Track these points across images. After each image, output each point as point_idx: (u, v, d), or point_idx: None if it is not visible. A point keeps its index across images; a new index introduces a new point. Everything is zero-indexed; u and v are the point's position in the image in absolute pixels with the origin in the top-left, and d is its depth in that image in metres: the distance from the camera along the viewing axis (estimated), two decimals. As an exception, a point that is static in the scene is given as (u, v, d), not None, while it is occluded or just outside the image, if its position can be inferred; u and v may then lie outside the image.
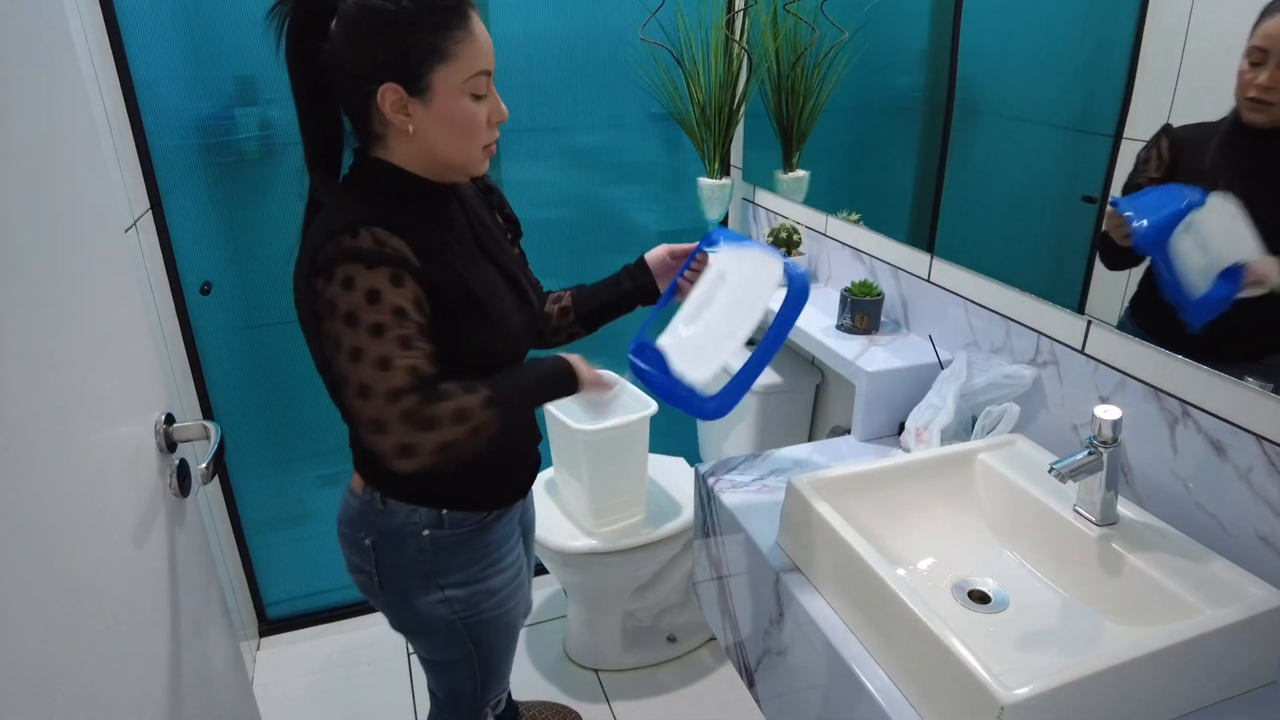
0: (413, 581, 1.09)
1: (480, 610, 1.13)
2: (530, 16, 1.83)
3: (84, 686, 0.66)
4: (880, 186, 1.63)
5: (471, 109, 0.93)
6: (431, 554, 1.07)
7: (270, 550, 2.07)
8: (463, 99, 0.92)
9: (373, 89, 0.89)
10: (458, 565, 1.09)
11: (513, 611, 1.18)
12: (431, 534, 1.06)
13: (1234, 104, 0.90)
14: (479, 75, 0.92)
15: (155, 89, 1.58)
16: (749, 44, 1.84)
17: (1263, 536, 0.88)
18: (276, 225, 1.81)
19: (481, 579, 1.11)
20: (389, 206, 0.92)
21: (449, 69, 0.89)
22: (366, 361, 0.85)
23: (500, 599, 1.14)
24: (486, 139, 0.96)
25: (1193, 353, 0.95)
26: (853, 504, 1.01)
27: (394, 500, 1.06)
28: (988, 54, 1.28)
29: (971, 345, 1.30)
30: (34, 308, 0.66)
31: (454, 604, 1.10)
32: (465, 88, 0.91)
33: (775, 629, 1.05)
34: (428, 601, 1.09)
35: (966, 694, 0.73)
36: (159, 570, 0.87)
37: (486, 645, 1.18)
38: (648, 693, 1.92)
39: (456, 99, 0.91)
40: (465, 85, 0.91)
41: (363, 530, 1.09)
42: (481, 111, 0.94)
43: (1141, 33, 0.99)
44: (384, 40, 0.87)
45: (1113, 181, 1.04)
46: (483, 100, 0.94)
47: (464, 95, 0.92)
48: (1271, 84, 0.86)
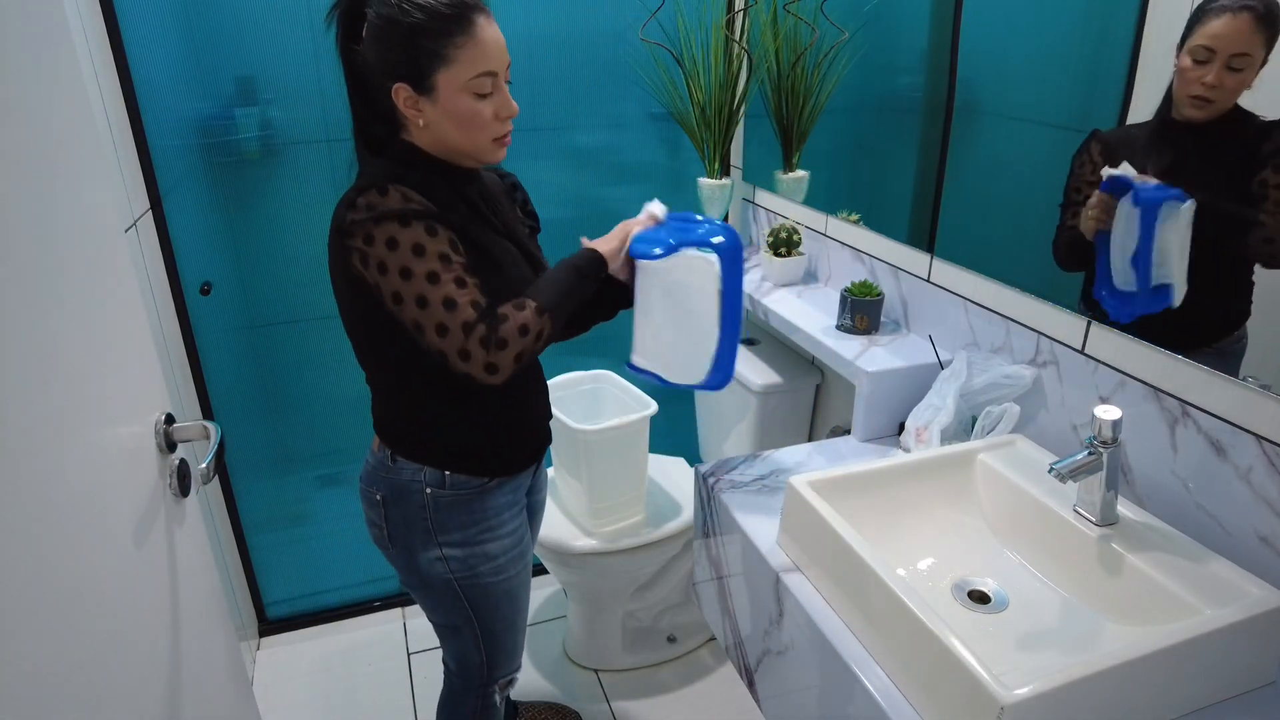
0: (416, 536, 1.16)
1: (477, 574, 1.18)
2: (530, 16, 1.83)
3: (84, 687, 0.66)
4: (880, 186, 1.63)
5: (475, 106, 1.02)
6: (434, 510, 1.14)
7: (270, 550, 2.07)
8: (466, 97, 1.01)
9: (389, 86, 1.01)
10: (456, 525, 1.15)
11: (511, 581, 1.23)
12: (434, 493, 1.14)
13: (1161, 102, 0.94)
14: (481, 76, 1.00)
15: (155, 89, 1.58)
16: (749, 44, 1.84)
17: (1263, 536, 0.88)
18: (276, 225, 1.81)
19: (479, 542, 1.17)
20: (412, 177, 1.03)
21: (451, 71, 0.99)
22: (434, 305, 0.97)
23: (498, 565, 1.20)
24: (495, 132, 1.05)
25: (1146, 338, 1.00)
26: (853, 504, 1.01)
27: (403, 459, 1.14)
28: (988, 54, 1.28)
29: (971, 345, 1.30)
30: (34, 307, 0.66)
31: (451, 563, 1.17)
32: (468, 87, 1.00)
33: (775, 629, 1.05)
34: (428, 558, 1.17)
35: (966, 694, 0.73)
36: (159, 570, 0.87)
37: (487, 612, 1.23)
38: (648, 693, 1.92)
39: (460, 97, 1.01)
40: (468, 85, 1.00)
41: (375, 485, 1.17)
42: (486, 108, 1.02)
43: (1141, 33, 0.99)
44: (395, 45, 0.99)
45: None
46: (488, 98, 1.02)
47: (467, 94, 1.01)
48: (1217, 83, 0.89)
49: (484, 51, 0.99)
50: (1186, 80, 0.91)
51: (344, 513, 2.12)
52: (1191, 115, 0.92)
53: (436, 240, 0.99)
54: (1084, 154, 1.07)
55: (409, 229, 0.97)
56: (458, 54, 0.98)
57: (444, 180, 1.06)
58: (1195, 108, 0.92)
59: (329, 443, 2.01)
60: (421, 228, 0.98)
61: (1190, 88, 0.91)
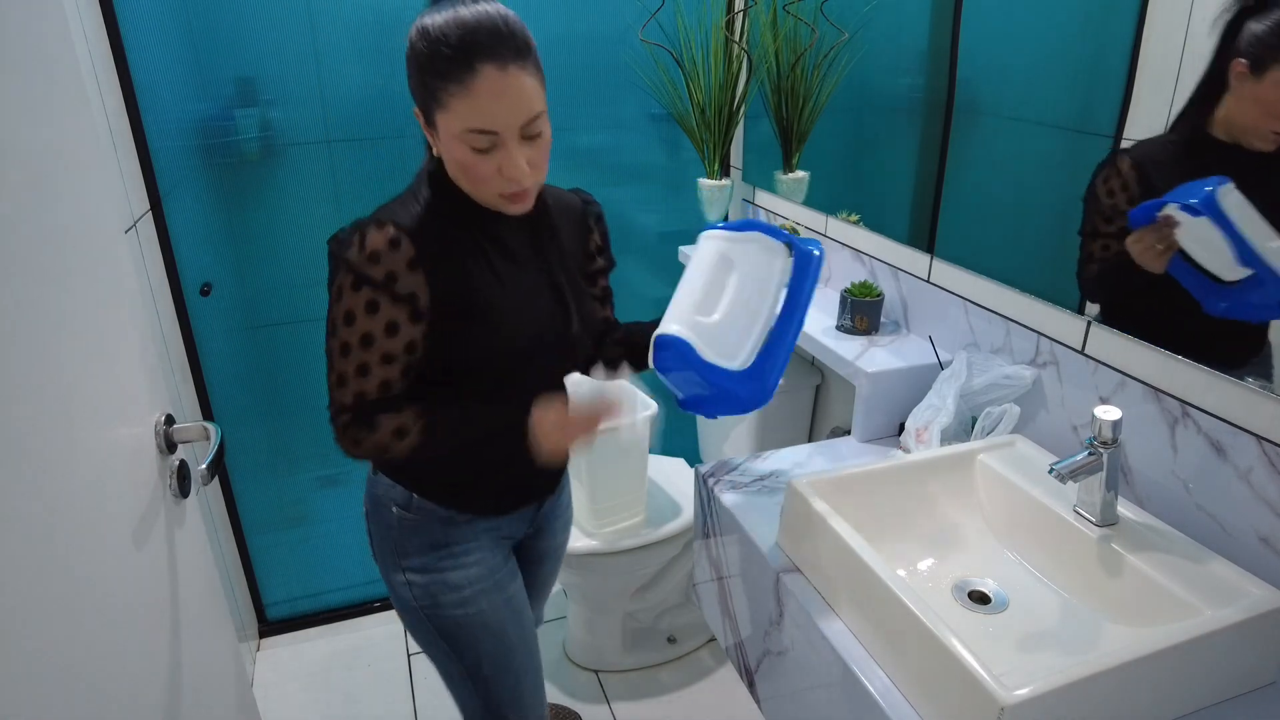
0: (387, 554, 1.14)
1: (439, 603, 1.12)
2: (530, 17, 1.81)
3: (83, 687, 0.66)
4: (880, 187, 1.63)
5: (469, 158, 0.92)
6: (399, 530, 1.12)
7: (270, 551, 2.07)
8: (462, 146, 0.91)
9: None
10: (416, 548, 1.12)
11: (485, 616, 1.14)
12: (399, 513, 1.11)
13: (1188, 112, 0.85)
14: (473, 132, 0.90)
15: (155, 90, 1.58)
16: (749, 45, 1.84)
17: (1263, 537, 0.88)
18: (276, 226, 1.81)
19: (439, 569, 1.12)
20: (431, 203, 0.98)
21: (445, 116, 0.91)
22: (336, 362, 0.97)
23: (463, 597, 1.12)
24: (499, 188, 0.95)
25: (1191, 352, 0.94)
26: (853, 504, 1.01)
27: (380, 473, 1.13)
28: (988, 54, 1.28)
29: (971, 346, 1.30)
30: (34, 308, 0.66)
31: (414, 588, 1.13)
32: (463, 139, 0.91)
33: (775, 630, 1.05)
34: (397, 580, 1.14)
35: (967, 695, 0.73)
36: (158, 571, 0.87)
37: (468, 649, 1.15)
38: (648, 693, 1.92)
39: (456, 145, 0.92)
40: (461, 136, 0.91)
41: (365, 495, 1.17)
42: (484, 163, 0.92)
43: (1141, 33, 0.99)
44: (410, 69, 0.93)
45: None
46: (487, 153, 0.92)
47: (462, 144, 0.91)
48: None
49: (477, 107, 0.88)
50: (1272, 112, 0.81)
51: (344, 513, 2.12)
52: (1260, 147, 0.83)
53: (372, 318, 0.93)
54: (1111, 176, 0.96)
55: (356, 293, 0.93)
56: (450, 101, 0.89)
57: (465, 210, 0.99)
58: (1266, 141, 0.82)
59: (329, 443, 1.98)
60: (363, 300, 0.93)
61: (1274, 123, 0.81)
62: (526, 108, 0.90)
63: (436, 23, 0.88)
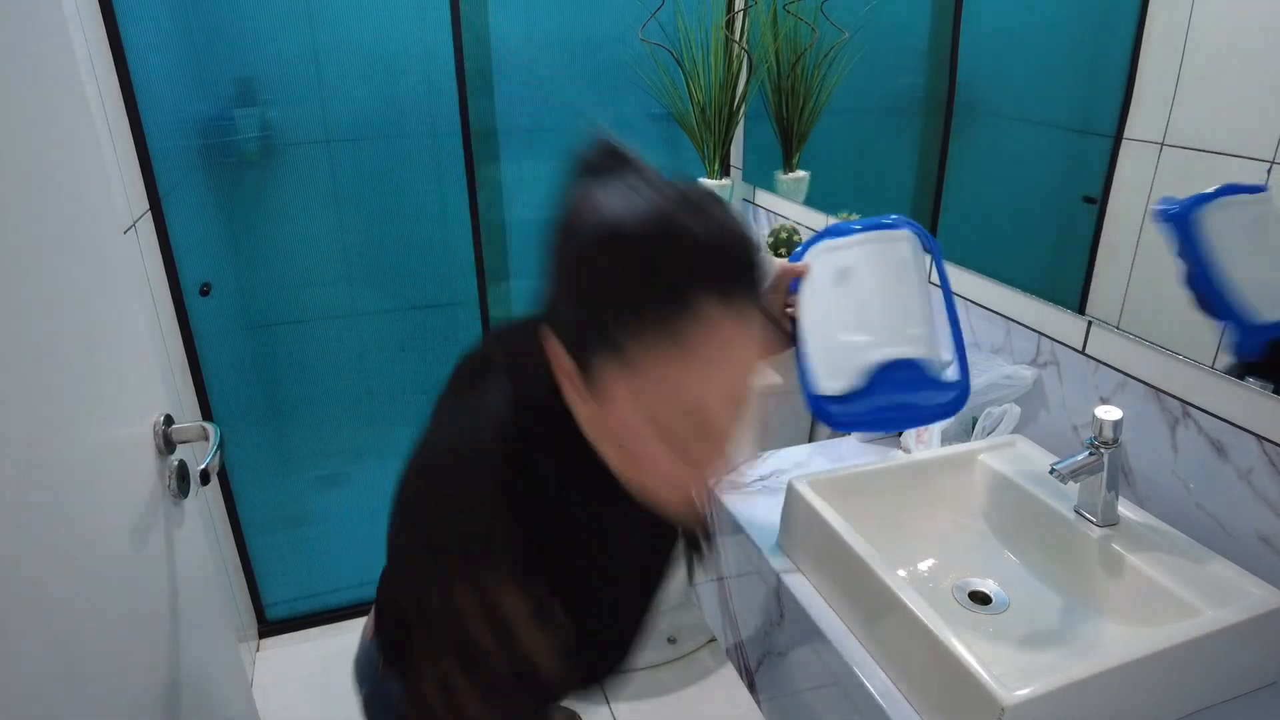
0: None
1: None
2: (530, 17, 1.83)
3: (83, 688, 0.66)
4: (880, 187, 1.63)
5: (655, 450, 0.58)
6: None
7: (270, 551, 2.07)
8: (646, 429, 0.58)
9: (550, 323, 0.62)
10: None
11: None
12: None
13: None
14: (685, 415, 0.57)
15: (155, 90, 1.58)
16: (749, 44, 1.84)
17: (1263, 537, 0.88)
18: (276, 226, 1.81)
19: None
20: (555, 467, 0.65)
21: (627, 379, 0.56)
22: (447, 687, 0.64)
23: None
24: (681, 488, 0.64)
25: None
26: (853, 504, 1.01)
27: (395, 675, 0.85)
28: (988, 54, 1.28)
29: (972, 346, 1.30)
30: (33, 308, 0.66)
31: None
32: (655, 418, 0.57)
33: (775, 630, 1.04)
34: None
35: (967, 695, 0.73)
36: (158, 572, 0.87)
37: None
38: (648, 693, 1.92)
39: (635, 424, 0.58)
40: (654, 415, 0.57)
41: (362, 680, 0.92)
42: (675, 463, 0.60)
43: (1141, 33, 0.99)
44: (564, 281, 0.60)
45: (1113, 182, 1.04)
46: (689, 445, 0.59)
47: (650, 426, 0.57)
48: None
49: (706, 372, 0.56)
50: None
51: (344, 514, 2.12)
52: None
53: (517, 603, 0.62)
54: None
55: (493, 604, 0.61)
56: (644, 358, 0.55)
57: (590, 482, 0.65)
58: None
59: (329, 443, 2.01)
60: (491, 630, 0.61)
61: None
62: (756, 353, 0.64)
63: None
